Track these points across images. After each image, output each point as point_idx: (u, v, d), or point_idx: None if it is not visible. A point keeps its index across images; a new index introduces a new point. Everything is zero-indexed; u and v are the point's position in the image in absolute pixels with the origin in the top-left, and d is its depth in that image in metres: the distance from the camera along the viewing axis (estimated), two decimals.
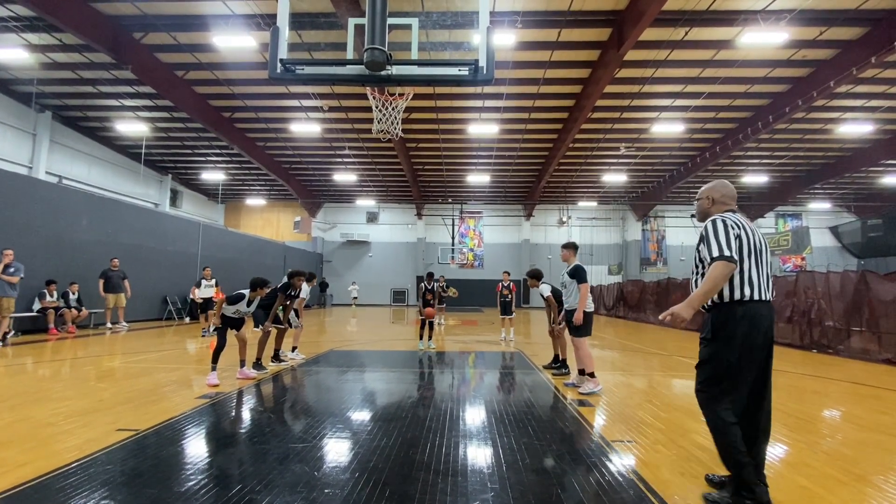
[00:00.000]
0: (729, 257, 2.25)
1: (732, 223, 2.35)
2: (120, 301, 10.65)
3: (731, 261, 2.24)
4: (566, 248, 5.38)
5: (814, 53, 13.22)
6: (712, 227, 2.36)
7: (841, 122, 17.29)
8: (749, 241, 2.34)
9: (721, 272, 2.24)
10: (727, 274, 2.25)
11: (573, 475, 2.67)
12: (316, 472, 2.65)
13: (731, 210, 2.54)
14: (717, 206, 2.57)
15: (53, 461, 2.70)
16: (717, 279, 2.24)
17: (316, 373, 5.88)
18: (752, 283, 2.29)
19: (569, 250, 5.35)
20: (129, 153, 21.52)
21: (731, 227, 2.33)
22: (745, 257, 2.31)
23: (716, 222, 2.37)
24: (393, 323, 15.30)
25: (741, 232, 2.34)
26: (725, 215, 2.42)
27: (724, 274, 2.24)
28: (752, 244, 2.34)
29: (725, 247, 2.27)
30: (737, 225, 2.35)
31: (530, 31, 12.23)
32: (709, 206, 2.60)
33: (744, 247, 2.32)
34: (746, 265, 2.31)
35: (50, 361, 6.43)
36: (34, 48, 13.20)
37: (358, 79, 3.63)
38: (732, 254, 2.26)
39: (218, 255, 16.58)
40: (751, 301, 2.28)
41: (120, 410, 3.86)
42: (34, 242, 9.46)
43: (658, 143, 19.77)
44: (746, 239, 2.33)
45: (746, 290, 2.29)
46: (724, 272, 2.24)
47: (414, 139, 19.78)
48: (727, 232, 2.31)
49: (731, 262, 2.24)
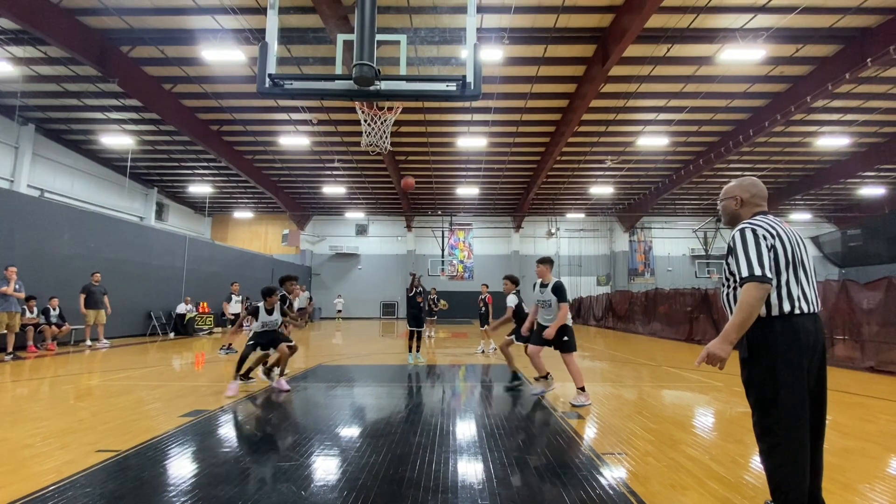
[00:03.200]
0: (761, 277, 1.93)
1: (765, 231, 2.02)
2: (100, 318, 10.36)
3: (764, 281, 1.93)
4: (543, 263, 5.21)
5: (791, 70, 13.66)
6: (740, 239, 2.04)
7: (819, 135, 17.82)
8: (786, 250, 2.01)
9: (754, 296, 1.93)
10: (762, 297, 1.93)
11: (564, 489, 2.65)
12: (303, 492, 2.59)
13: (762, 212, 2.17)
14: (747, 207, 2.22)
15: (30, 484, 2.61)
16: (751, 306, 1.93)
17: (304, 388, 5.79)
18: (793, 297, 1.98)
19: (545, 265, 5.19)
20: (114, 166, 21.27)
21: (764, 236, 2.00)
22: (783, 269, 1.99)
23: (744, 233, 2.04)
24: (382, 336, 15.18)
25: (776, 241, 2.01)
26: (756, 221, 2.08)
27: (759, 297, 1.93)
28: (790, 253, 2.01)
29: (756, 264, 1.95)
30: (770, 233, 2.02)
31: (517, 48, 12.46)
32: (736, 207, 2.24)
33: (780, 258, 1.99)
34: (784, 278, 1.99)
35: (28, 380, 6.23)
36: (18, 61, 13.06)
37: (347, 94, 3.66)
38: (766, 272, 1.94)
39: (204, 269, 16.35)
40: (791, 315, 1.97)
41: (100, 431, 3.74)
42: (13, 257, 9.22)
43: (643, 155, 20.14)
44: (783, 248, 2.01)
45: (786, 305, 1.97)
46: (757, 295, 1.93)
47: (403, 152, 19.88)
48: (758, 244, 1.99)
49: (764, 283, 1.93)
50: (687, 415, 4.71)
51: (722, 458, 3.21)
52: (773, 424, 1.97)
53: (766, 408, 2.00)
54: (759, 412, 2.04)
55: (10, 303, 8.15)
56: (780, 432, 1.96)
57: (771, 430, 1.98)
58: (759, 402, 2.04)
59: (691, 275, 27.64)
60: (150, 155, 20.71)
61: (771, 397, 1.97)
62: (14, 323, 8.25)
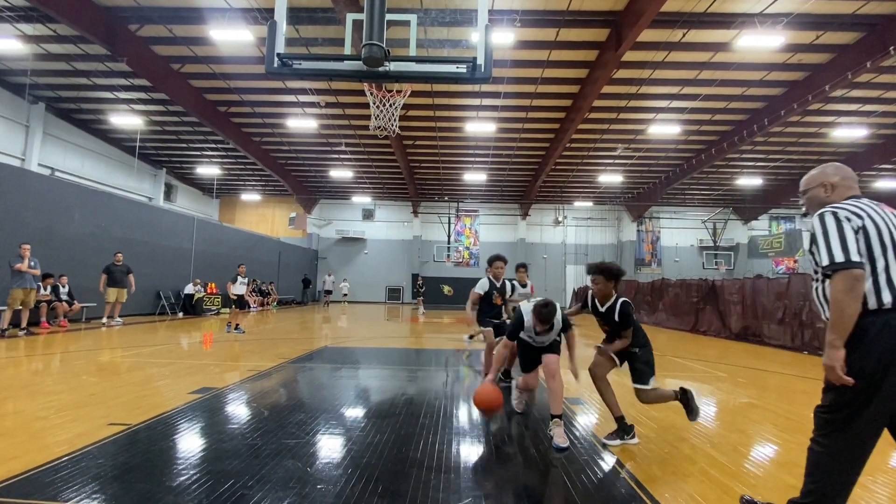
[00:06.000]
0: (845, 263, 1.68)
1: (849, 213, 1.77)
2: (121, 296, 10.58)
3: (850, 266, 1.68)
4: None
5: (809, 57, 13.31)
6: (820, 224, 1.81)
7: (835, 126, 17.42)
8: (880, 231, 1.74)
9: (845, 287, 1.67)
10: (852, 286, 1.67)
11: (565, 472, 2.69)
12: (308, 468, 2.65)
13: (854, 196, 1.92)
14: (839, 191, 1.95)
15: (44, 455, 2.68)
16: (845, 302, 1.66)
17: (310, 369, 5.87)
18: (894, 285, 1.69)
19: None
20: (124, 146, 21.32)
21: (847, 218, 1.76)
22: (878, 255, 1.72)
23: (824, 217, 1.80)
24: (388, 320, 15.29)
25: (865, 221, 1.75)
26: (840, 204, 1.85)
27: (849, 287, 1.67)
28: (886, 235, 1.74)
29: (840, 250, 1.71)
30: (857, 213, 1.77)
31: (529, 31, 12.22)
32: (826, 194, 1.98)
33: (873, 240, 1.73)
34: (882, 264, 1.71)
35: (41, 355, 6.37)
36: (28, 39, 13.03)
37: (356, 74, 3.62)
38: (851, 256, 1.69)
39: (212, 251, 16.48)
40: (893, 309, 1.68)
41: (111, 405, 3.83)
42: (26, 235, 9.35)
43: (654, 144, 19.84)
44: (876, 229, 1.74)
45: (886, 295, 1.69)
46: (848, 287, 1.67)
47: (411, 136, 19.74)
48: (840, 227, 1.75)
49: (855, 269, 1.67)
50: None
51: (724, 447, 3.23)
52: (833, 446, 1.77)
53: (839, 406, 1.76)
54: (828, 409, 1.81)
55: (26, 279, 8.27)
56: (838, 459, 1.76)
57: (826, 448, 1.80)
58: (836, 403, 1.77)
59: (699, 266, 27.48)
60: (159, 136, 20.72)
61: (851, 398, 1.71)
62: (29, 299, 8.39)
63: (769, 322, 9.97)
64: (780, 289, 9.86)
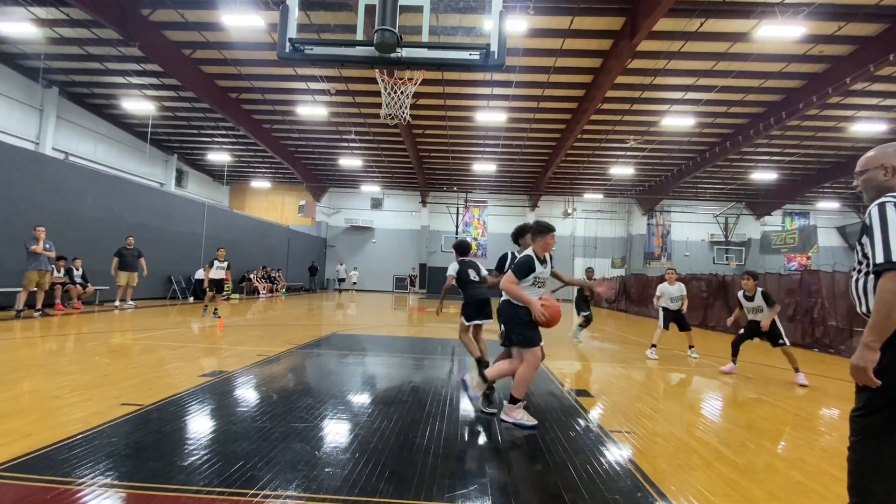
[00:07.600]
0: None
1: None
2: (132, 279, 10.73)
3: None
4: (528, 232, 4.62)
5: (831, 49, 12.95)
6: (879, 215, 1.61)
7: (854, 120, 17.01)
8: None
9: (893, 289, 1.54)
10: None
11: (571, 463, 2.69)
12: (316, 452, 2.68)
13: None
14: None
15: (58, 433, 2.75)
16: (890, 302, 1.54)
17: (318, 355, 5.93)
18: None
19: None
20: (135, 132, 21.47)
21: None
22: None
23: (884, 208, 1.61)
24: (395, 309, 15.37)
25: None
26: None
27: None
28: None
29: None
30: None
31: (542, 18, 12.02)
32: (886, 177, 1.75)
33: None
34: None
35: (56, 336, 6.50)
36: (42, 22, 13.10)
37: (367, 60, 3.59)
38: None
39: (223, 237, 16.62)
40: None
41: (124, 386, 3.90)
42: (40, 218, 9.49)
43: (667, 136, 19.52)
44: None
45: None
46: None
47: (421, 125, 19.62)
48: None
49: None
50: (696, 398, 4.71)
51: (731, 442, 3.21)
52: (870, 454, 1.64)
53: (877, 409, 1.62)
54: (865, 411, 1.66)
55: (41, 261, 8.40)
56: (879, 469, 1.62)
57: (863, 456, 1.66)
58: (872, 405, 1.63)
59: (709, 261, 27.16)
60: (170, 121, 20.82)
61: (878, 421, 1.61)
62: (44, 281, 8.52)
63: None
64: (792, 285, 9.73)
